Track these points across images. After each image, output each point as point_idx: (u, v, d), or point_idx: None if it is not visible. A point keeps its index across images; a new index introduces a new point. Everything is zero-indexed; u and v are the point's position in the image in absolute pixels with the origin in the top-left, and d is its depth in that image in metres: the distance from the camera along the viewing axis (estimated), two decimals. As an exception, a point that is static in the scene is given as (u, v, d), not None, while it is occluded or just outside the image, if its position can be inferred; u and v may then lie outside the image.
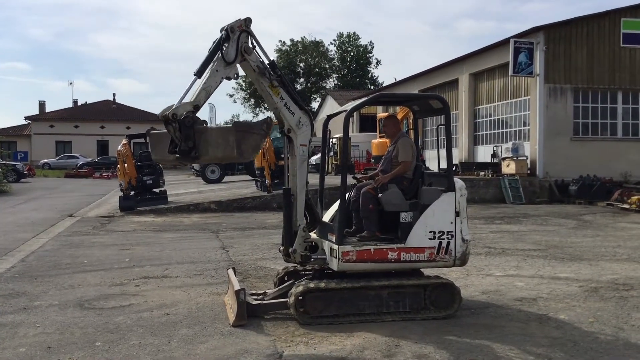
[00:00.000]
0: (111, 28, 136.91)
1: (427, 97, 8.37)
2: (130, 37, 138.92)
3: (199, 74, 5.84)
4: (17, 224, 15.40)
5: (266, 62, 6.20)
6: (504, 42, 23.87)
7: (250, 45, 6.07)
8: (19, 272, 9.06)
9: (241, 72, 6.22)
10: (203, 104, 5.82)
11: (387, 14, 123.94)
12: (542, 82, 22.67)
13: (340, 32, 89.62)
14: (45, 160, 55.90)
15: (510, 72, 22.94)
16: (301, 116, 6.37)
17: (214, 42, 5.95)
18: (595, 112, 23.67)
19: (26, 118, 63.92)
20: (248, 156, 5.85)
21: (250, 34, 6.09)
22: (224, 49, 5.90)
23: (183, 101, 5.66)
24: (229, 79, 5.99)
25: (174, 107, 5.58)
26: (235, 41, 5.92)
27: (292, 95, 6.31)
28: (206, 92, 5.80)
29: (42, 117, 63.76)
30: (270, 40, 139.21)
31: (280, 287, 6.84)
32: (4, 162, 36.27)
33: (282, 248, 6.63)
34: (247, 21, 6.05)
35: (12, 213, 18.43)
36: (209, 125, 6.00)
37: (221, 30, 6.02)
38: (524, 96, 24.34)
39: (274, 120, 6.36)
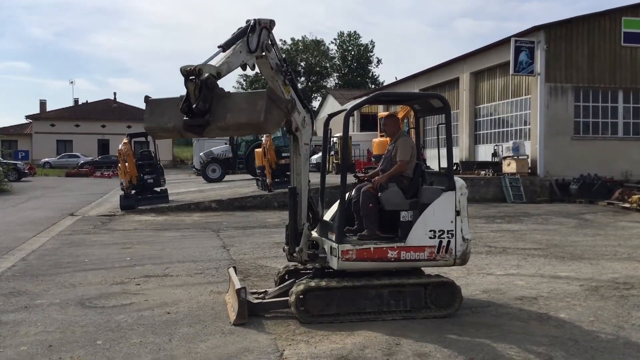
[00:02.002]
0: (112, 28, 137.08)
1: (427, 96, 8.38)
2: (131, 36, 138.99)
3: (224, 47, 5.76)
4: (18, 222, 15.42)
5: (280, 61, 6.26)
6: (505, 41, 23.87)
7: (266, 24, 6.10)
8: (20, 270, 9.08)
9: (255, 69, 6.25)
10: (224, 75, 5.65)
11: (387, 13, 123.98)
12: (543, 81, 22.66)
13: (341, 31, 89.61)
14: (46, 159, 55.95)
15: (511, 71, 22.93)
16: (305, 115, 6.45)
17: (240, 28, 5.97)
18: (596, 111, 23.66)
19: (27, 117, 63.98)
20: (271, 127, 5.66)
21: (271, 33, 6.13)
22: (250, 37, 5.89)
23: (208, 63, 5.53)
24: (244, 67, 5.93)
25: (198, 64, 5.37)
26: (257, 34, 5.92)
27: (298, 94, 6.38)
28: (228, 65, 5.69)
29: (43, 116, 63.80)
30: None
31: (281, 285, 6.85)
32: (5, 161, 36.29)
33: (286, 247, 6.64)
34: (272, 23, 6.12)
35: (13, 212, 18.45)
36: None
37: (248, 21, 6.04)
38: (525, 95, 24.33)
39: (295, 105, 6.18)
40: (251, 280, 8.19)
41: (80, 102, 70.57)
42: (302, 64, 75.08)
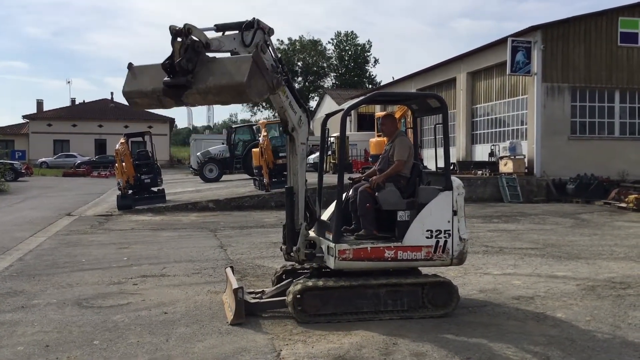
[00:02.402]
0: (109, 27, 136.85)
1: (424, 95, 8.40)
2: (128, 35, 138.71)
3: (219, 29, 5.75)
4: (14, 222, 15.39)
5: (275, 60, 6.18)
6: (502, 41, 23.91)
7: (265, 30, 6.03)
8: (17, 270, 9.06)
9: None
10: (212, 49, 5.57)
11: (385, 13, 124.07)
12: (540, 81, 22.71)
13: (338, 31, 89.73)
14: (43, 159, 55.83)
15: (508, 71, 22.99)
16: (301, 114, 6.42)
17: (241, 22, 5.95)
18: (593, 111, 23.72)
19: (24, 117, 63.87)
20: (254, 94, 5.33)
21: (266, 35, 6.02)
22: (245, 33, 5.85)
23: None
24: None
25: (188, 23, 5.35)
26: (253, 32, 5.87)
27: (294, 93, 6.33)
28: (219, 43, 5.65)
29: (40, 115, 63.68)
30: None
31: (278, 285, 6.85)
32: (1, 160, 36.21)
33: (283, 247, 6.64)
34: (271, 30, 6.05)
35: (9, 212, 18.42)
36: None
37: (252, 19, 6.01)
38: (522, 95, 24.38)
39: (282, 84, 5.99)
40: (248, 280, 8.19)
41: (77, 102, 70.50)
42: (299, 63, 75.00)
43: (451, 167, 7.16)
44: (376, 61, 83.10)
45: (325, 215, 6.93)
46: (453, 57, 29.34)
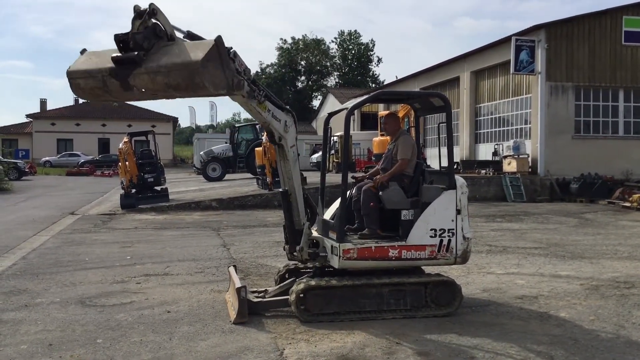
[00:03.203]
0: (111, 26, 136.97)
1: (428, 94, 8.35)
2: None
3: (190, 37, 5.27)
4: (18, 221, 15.42)
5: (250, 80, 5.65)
6: (506, 40, 23.86)
7: (239, 69, 5.35)
8: (21, 269, 9.08)
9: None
10: (175, 40, 5.05)
11: (387, 12, 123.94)
12: (544, 80, 22.66)
13: (341, 30, 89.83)
14: (47, 158, 55.96)
15: (512, 70, 22.92)
16: (286, 119, 6.20)
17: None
18: (597, 110, 23.66)
19: (27, 116, 63.99)
20: (208, 79, 4.71)
21: (236, 62, 5.30)
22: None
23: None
24: None
25: (155, 5, 4.90)
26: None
27: (273, 101, 6.04)
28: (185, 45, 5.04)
29: (44, 115, 63.82)
30: (271, 38, 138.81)
31: (281, 284, 6.85)
32: (5, 160, 36.31)
33: (286, 246, 6.64)
34: (246, 71, 5.53)
35: (13, 211, 18.46)
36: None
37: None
38: (526, 94, 24.33)
39: (243, 87, 5.38)
40: (251, 279, 8.19)
41: (80, 101, 70.53)
42: (302, 63, 75.03)
43: (455, 167, 7.15)
44: (379, 60, 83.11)
45: (328, 214, 6.92)
46: (457, 56, 29.30)
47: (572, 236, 12.58)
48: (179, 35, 5.19)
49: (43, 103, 66.66)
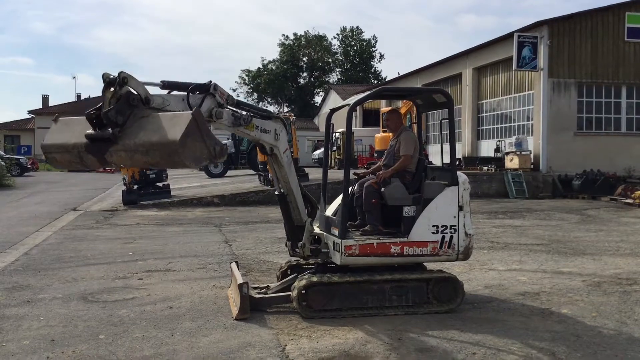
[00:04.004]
0: (113, 22, 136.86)
1: (430, 90, 8.36)
2: (133, 31, 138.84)
3: (166, 86, 5.14)
4: (20, 217, 15.44)
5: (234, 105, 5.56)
6: (508, 37, 23.81)
7: (221, 101, 5.29)
8: (23, 265, 9.09)
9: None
10: (154, 105, 4.82)
11: (389, 8, 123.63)
12: (546, 76, 22.62)
13: (343, 26, 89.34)
14: (49, 154, 55.86)
15: (514, 66, 22.90)
16: (275, 127, 6.10)
17: (195, 83, 5.31)
18: (599, 106, 23.62)
19: (30, 112, 63.93)
20: (188, 156, 4.41)
21: (217, 95, 5.26)
22: (191, 95, 5.17)
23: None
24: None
25: (125, 72, 4.63)
26: (202, 97, 5.15)
27: (259, 113, 5.95)
28: (162, 100, 4.94)
29: (46, 111, 63.63)
30: (272, 34, 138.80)
31: (283, 280, 6.86)
32: (7, 155, 36.37)
33: (288, 243, 6.65)
34: (230, 99, 5.45)
35: (15, 207, 18.48)
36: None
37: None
38: (528, 91, 24.29)
39: (229, 150, 5.27)
40: (253, 275, 8.20)
41: (82, 97, 70.55)
42: (304, 59, 74.92)
43: (457, 163, 7.14)
44: (381, 57, 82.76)
45: (330, 210, 6.92)
46: (459, 52, 29.25)
47: (574, 233, 12.57)
48: (153, 89, 4.99)
49: (45, 99, 66.73)
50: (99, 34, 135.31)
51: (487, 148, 27.12)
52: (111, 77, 4.60)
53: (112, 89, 4.57)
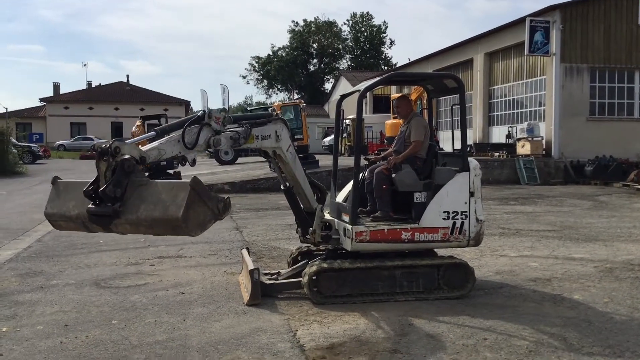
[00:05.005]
0: (121, 9, 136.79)
1: (441, 76, 8.29)
2: (141, 17, 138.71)
3: (160, 134, 5.12)
4: (33, 204, 15.54)
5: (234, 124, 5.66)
6: (520, 21, 23.60)
7: (217, 127, 5.39)
8: (36, 251, 9.18)
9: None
10: (151, 161, 4.88)
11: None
12: (558, 61, 22.42)
13: (353, 12, 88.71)
14: (60, 141, 56.19)
15: (526, 51, 22.71)
16: (276, 129, 6.07)
17: (189, 117, 5.40)
18: (612, 92, 23.40)
19: (41, 100, 64.26)
20: (193, 227, 4.48)
21: (211, 124, 5.38)
22: (188, 130, 5.17)
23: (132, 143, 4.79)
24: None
25: (117, 141, 4.61)
26: (198, 130, 5.24)
27: (257, 121, 5.93)
28: (158, 152, 4.96)
29: (57, 98, 64.05)
30: (282, 21, 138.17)
31: (294, 267, 6.87)
32: (19, 143, 36.57)
33: (299, 229, 6.67)
34: (227, 119, 5.55)
35: (28, 194, 18.62)
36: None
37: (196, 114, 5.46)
38: (540, 76, 24.09)
39: (230, 205, 5.16)
40: (264, 261, 8.23)
41: (93, 85, 70.80)
42: (314, 45, 74.60)
43: (468, 149, 7.09)
44: (392, 43, 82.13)
45: (341, 197, 6.91)
46: (470, 37, 29.05)
47: (586, 219, 12.50)
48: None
49: (56, 87, 66.95)
50: (107, 21, 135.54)
51: (498, 134, 26.98)
52: (103, 146, 4.57)
53: (104, 159, 4.56)
